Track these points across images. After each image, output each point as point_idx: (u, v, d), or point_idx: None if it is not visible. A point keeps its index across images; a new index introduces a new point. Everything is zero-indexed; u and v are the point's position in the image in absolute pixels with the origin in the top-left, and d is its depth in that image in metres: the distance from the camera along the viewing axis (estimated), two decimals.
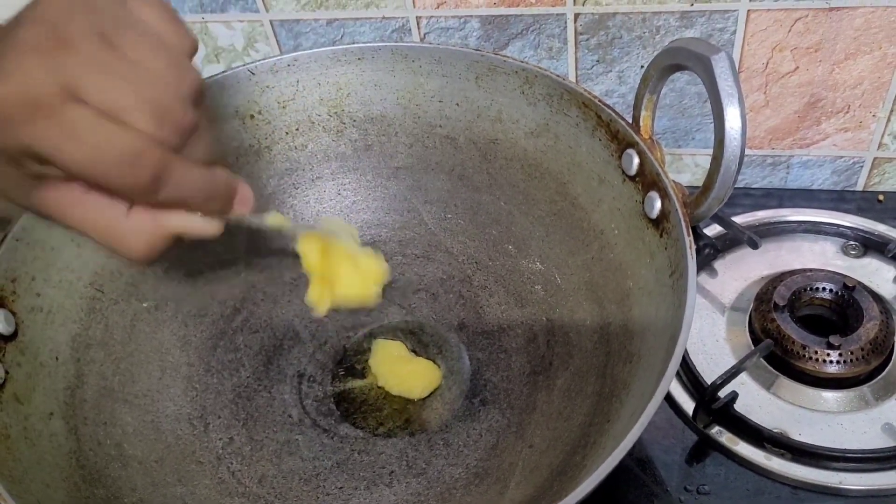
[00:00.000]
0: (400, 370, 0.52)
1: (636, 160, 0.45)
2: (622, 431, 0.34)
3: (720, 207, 0.41)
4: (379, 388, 0.51)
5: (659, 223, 0.44)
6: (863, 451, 0.49)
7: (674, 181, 0.43)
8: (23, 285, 0.45)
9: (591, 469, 0.33)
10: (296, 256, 0.58)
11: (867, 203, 0.65)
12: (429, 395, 0.51)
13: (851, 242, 0.61)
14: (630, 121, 0.46)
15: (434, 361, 0.52)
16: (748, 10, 0.56)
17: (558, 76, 0.50)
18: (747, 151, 0.65)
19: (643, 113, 0.46)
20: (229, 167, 0.39)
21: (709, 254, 0.62)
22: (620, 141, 0.47)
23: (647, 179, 0.45)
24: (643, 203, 0.45)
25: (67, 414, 0.44)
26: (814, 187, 0.66)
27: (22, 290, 0.45)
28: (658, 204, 0.44)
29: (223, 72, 0.54)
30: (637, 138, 0.45)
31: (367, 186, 0.59)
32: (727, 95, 0.38)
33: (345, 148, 0.58)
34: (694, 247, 0.40)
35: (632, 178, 0.46)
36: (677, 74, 0.44)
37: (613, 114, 0.47)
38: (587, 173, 0.50)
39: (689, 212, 0.42)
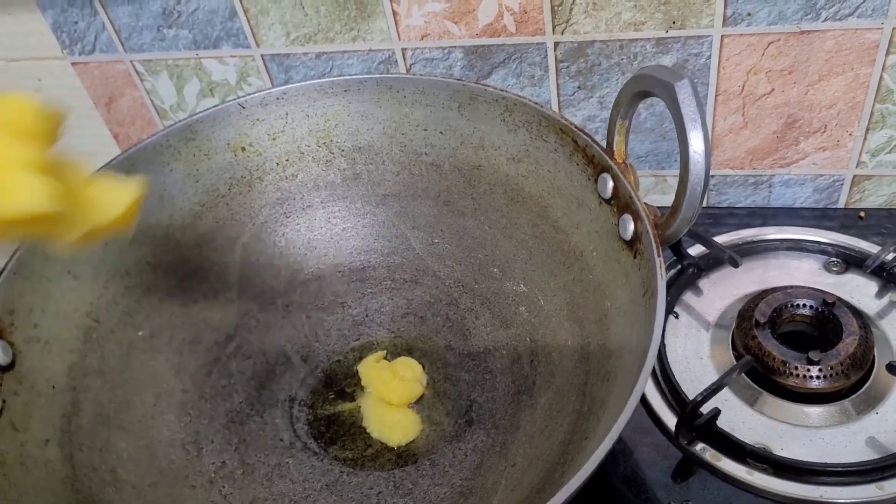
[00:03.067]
0: (382, 417, 0.52)
1: (610, 184, 0.47)
2: (596, 449, 0.35)
3: (689, 227, 0.43)
4: None
5: (633, 245, 0.45)
6: (843, 465, 0.49)
7: (646, 203, 0.44)
8: (21, 317, 0.46)
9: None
10: (288, 283, 0.60)
11: (849, 220, 0.66)
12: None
13: (833, 259, 0.62)
14: (605, 146, 0.48)
15: (420, 384, 0.54)
16: (722, 36, 0.57)
17: (536, 104, 0.51)
18: (730, 172, 0.66)
19: (616, 138, 0.47)
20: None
21: (693, 273, 0.63)
22: (596, 165, 0.48)
23: (621, 202, 0.46)
24: (618, 225, 0.46)
25: (63, 441, 0.45)
26: (796, 205, 0.67)
27: (20, 321, 0.46)
28: (631, 226, 0.45)
29: (215, 106, 0.56)
30: (611, 163, 0.47)
31: (356, 214, 0.61)
32: (690, 120, 0.40)
33: (334, 177, 0.60)
34: (664, 267, 0.41)
35: (607, 202, 0.48)
36: (657, 100, 0.46)
37: (588, 139, 0.48)
38: (566, 197, 0.52)
39: (660, 233, 0.43)
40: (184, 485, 0.48)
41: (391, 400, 0.52)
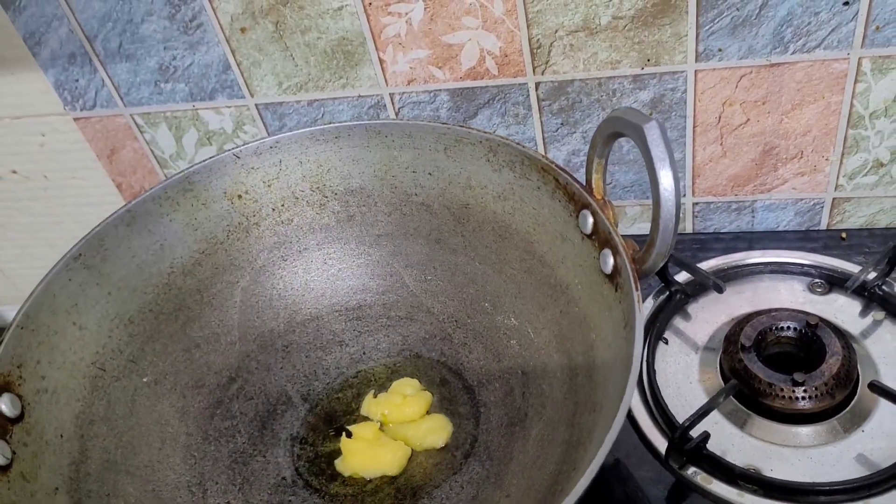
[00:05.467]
0: (371, 455, 0.54)
1: (590, 220, 0.49)
2: (578, 480, 0.37)
3: (665, 260, 0.44)
4: None
5: (613, 278, 0.47)
6: (832, 484, 0.50)
7: (624, 238, 0.46)
8: (28, 369, 0.48)
9: None
10: (287, 324, 0.62)
11: (832, 241, 0.67)
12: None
13: (817, 280, 0.64)
14: (584, 182, 0.50)
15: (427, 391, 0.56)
16: (695, 71, 0.59)
17: (518, 144, 0.53)
18: (713, 198, 0.68)
19: (594, 176, 0.49)
20: None
21: (681, 299, 0.64)
22: (577, 202, 0.50)
23: (601, 237, 0.48)
24: (599, 259, 0.48)
25: (72, 488, 0.47)
26: (780, 228, 0.69)
27: (28, 374, 0.48)
28: (611, 260, 0.47)
29: (211, 157, 0.58)
30: (590, 199, 0.49)
31: (351, 254, 0.63)
32: (659, 160, 0.42)
33: (328, 220, 0.62)
34: (641, 301, 0.43)
35: (588, 237, 0.49)
36: None
37: (569, 177, 0.50)
38: (551, 233, 0.54)
39: (637, 267, 0.45)
40: None
41: (412, 416, 0.54)
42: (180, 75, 0.68)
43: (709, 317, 0.64)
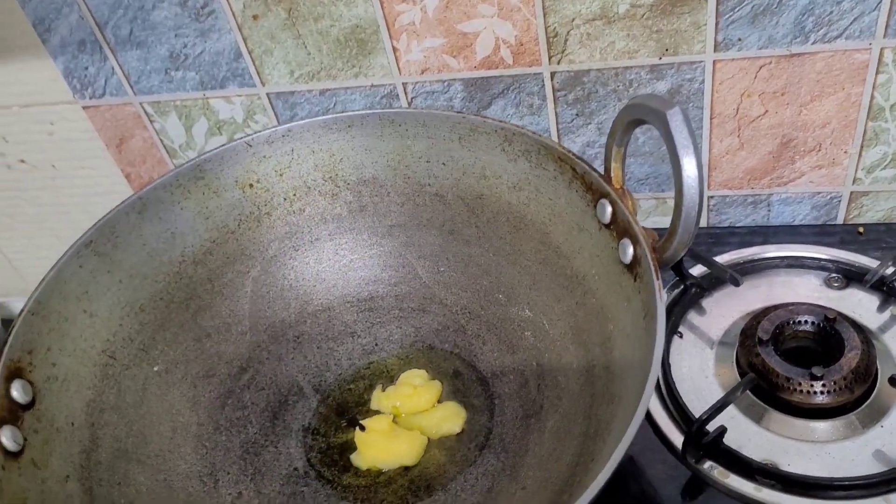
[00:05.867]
0: (387, 446, 0.53)
1: (609, 209, 0.48)
2: (600, 472, 0.36)
3: (687, 249, 0.44)
4: None
5: (632, 268, 0.46)
6: (850, 479, 0.50)
7: (643, 227, 0.46)
8: (39, 356, 0.48)
9: None
10: (299, 315, 0.61)
11: (849, 235, 0.67)
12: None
13: (834, 275, 0.63)
14: (602, 172, 0.49)
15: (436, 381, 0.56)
16: (714, 61, 0.59)
17: (534, 133, 0.53)
18: (729, 192, 0.68)
19: (613, 164, 0.49)
20: None
21: (696, 293, 0.64)
22: (594, 191, 0.49)
23: (620, 227, 0.47)
24: (618, 249, 0.47)
25: (83, 476, 0.46)
26: (796, 222, 0.68)
27: (38, 360, 0.48)
28: (630, 250, 0.46)
29: (222, 146, 0.57)
30: (609, 188, 0.48)
31: (363, 245, 0.62)
32: (682, 147, 0.41)
33: (340, 210, 0.62)
34: (663, 290, 0.42)
35: (606, 226, 0.49)
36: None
37: (586, 166, 0.50)
38: (567, 223, 0.53)
39: (658, 256, 0.44)
40: None
41: (425, 406, 0.54)
42: (191, 63, 0.68)
43: (724, 311, 0.63)
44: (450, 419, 0.53)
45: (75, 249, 0.52)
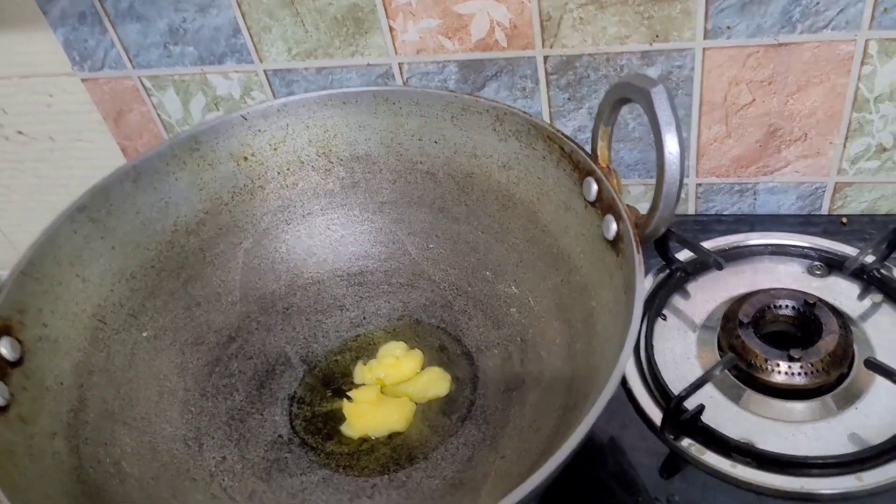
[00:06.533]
0: (373, 416, 0.54)
1: (594, 187, 0.49)
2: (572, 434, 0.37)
3: (668, 225, 0.45)
4: None
5: (616, 244, 0.47)
6: (823, 458, 0.51)
7: (627, 205, 0.47)
8: (30, 316, 0.48)
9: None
10: (289, 287, 0.62)
11: (833, 226, 0.68)
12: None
13: (816, 263, 0.64)
14: (589, 152, 0.50)
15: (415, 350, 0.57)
16: (703, 48, 0.60)
17: (525, 113, 0.53)
18: (716, 180, 0.69)
19: (600, 143, 0.50)
20: None
21: (681, 277, 0.65)
22: (581, 170, 0.50)
23: (605, 204, 0.48)
24: (602, 226, 0.48)
25: (70, 434, 0.47)
26: (781, 212, 0.69)
27: (29, 320, 0.48)
28: (614, 226, 0.47)
29: (218, 117, 0.58)
30: (595, 166, 0.49)
31: (354, 221, 0.63)
32: (665, 124, 0.42)
33: (333, 185, 0.63)
34: (643, 263, 0.43)
35: (592, 204, 0.50)
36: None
37: (574, 145, 0.51)
38: (554, 202, 0.54)
39: (640, 231, 0.45)
40: (185, 478, 0.50)
41: (409, 374, 0.55)
42: (190, 38, 0.68)
43: (708, 296, 0.64)
44: (436, 382, 0.54)
45: (69, 214, 0.52)
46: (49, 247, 0.51)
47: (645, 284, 0.63)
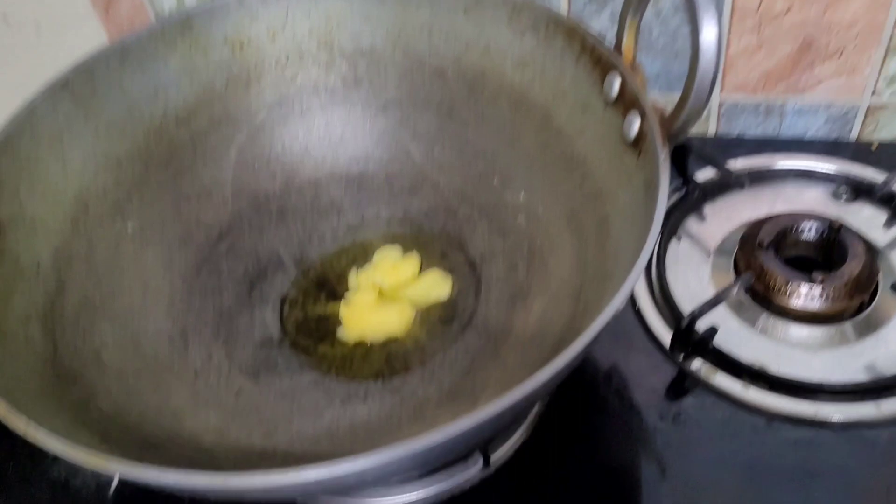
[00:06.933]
0: (371, 320, 0.51)
1: (617, 84, 0.45)
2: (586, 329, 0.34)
3: (695, 123, 0.41)
4: None
5: (637, 143, 0.44)
6: (841, 384, 0.48)
7: (653, 102, 0.43)
8: (7, 193, 0.45)
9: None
10: (284, 187, 0.59)
11: (861, 153, 0.64)
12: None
13: (842, 188, 0.61)
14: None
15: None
16: None
17: (543, 5, 0.49)
18: (741, 98, 0.65)
19: (626, 35, 0.46)
20: None
21: (699, 197, 0.61)
22: (603, 66, 0.46)
23: (627, 102, 0.45)
24: (623, 127, 0.45)
25: (46, 320, 0.44)
26: (808, 136, 0.66)
27: (5, 197, 0.45)
28: (637, 124, 0.43)
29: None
30: (618, 61, 0.45)
31: (356, 120, 0.59)
32: (703, 7, 0.38)
33: (334, 81, 0.59)
34: (668, 159, 0.40)
35: (613, 103, 0.46)
36: (669, 13, 0.44)
37: (596, 39, 0.47)
38: (571, 103, 0.50)
39: (666, 128, 0.42)
40: (169, 374, 0.47)
41: (407, 277, 0.53)
42: None
43: (724, 218, 0.61)
44: (437, 285, 0.52)
45: (50, 89, 0.49)
46: (27, 123, 0.47)
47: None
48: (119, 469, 0.31)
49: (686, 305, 0.54)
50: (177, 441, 0.43)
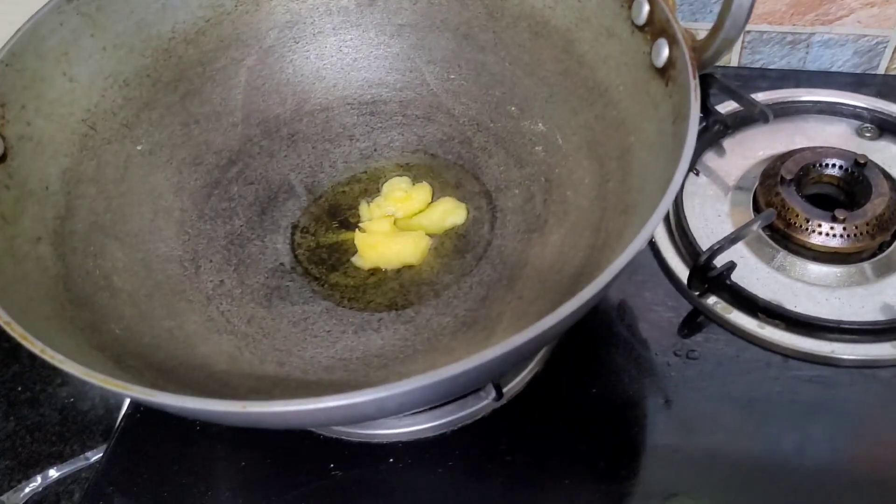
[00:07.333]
0: (388, 247, 0.50)
1: (646, 7, 0.43)
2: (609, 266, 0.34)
3: (729, 50, 0.40)
4: None
5: (665, 71, 0.42)
6: (857, 323, 0.48)
7: (685, 28, 0.41)
8: (13, 111, 0.44)
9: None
10: (295, 112, 0.57)
11: (887, 88, 0.62)
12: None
13: (867, 125, 0.59)
14: None
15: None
16: None
17: None
18: (766, 28, 0.62)
19: None
20: None
21: (718, 130, 0.60)
22: None
23: (656, 27, 0.43)
24: (650, 54, 0.43)
25: (56, 241, 0.44)
26: (833, 69, 0.64)
27: (12, 116, 0.44)
28: (666, 51, 0.42)
29: None
30: None
31: (369, 44, 0.57)
32: None
33: (347, 2, 0.57)
34: (699, 89, 0.38)
35: (640, 28, 0.44)
36: None
37: None
38: (595, 29, 0.48)
39: (697, 56, 0.40)
40: (180, 298, 0.47)
41: (420, 206, 0.52)
42: None
43: (745, 153, 0.59)
44: (452, 212, 0.51)
45: (55, 4, 0.47)
46: (32, 38, 0.46)
47: None
48: (139, 394, 0.30)
49: (704, 241, 0.53)
50: (189, 365, 0.43)
